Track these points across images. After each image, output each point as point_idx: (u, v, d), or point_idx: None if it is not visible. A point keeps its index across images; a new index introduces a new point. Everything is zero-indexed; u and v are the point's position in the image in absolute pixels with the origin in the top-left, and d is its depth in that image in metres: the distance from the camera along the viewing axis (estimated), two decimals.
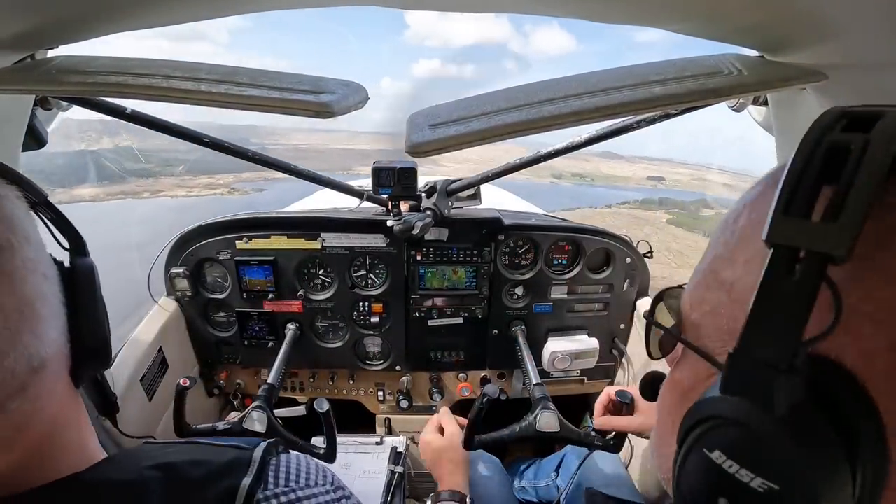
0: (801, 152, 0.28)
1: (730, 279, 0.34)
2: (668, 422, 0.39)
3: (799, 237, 0.26)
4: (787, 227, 0.26)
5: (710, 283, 0.36)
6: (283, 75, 0.61)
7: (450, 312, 1.48)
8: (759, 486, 0.25)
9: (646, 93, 0.55)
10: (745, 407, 0.26)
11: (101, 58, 0.65)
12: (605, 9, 0.63)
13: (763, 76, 0.56)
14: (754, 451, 0.26)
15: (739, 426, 0.26)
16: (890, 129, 0.26)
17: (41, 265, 0.42)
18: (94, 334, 0.47)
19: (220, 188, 34.43)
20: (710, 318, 0.35)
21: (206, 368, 1.56)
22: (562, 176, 57.47)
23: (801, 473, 0.24)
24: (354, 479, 1.29)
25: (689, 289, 0.40)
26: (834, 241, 0.24)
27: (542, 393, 1.14)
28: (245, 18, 1.46)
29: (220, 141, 1.10)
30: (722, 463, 0.27)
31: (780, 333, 0.25)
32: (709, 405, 0.28)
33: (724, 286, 0.34)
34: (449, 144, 0.53)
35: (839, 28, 0.51)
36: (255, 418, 1.07)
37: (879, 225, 0.26)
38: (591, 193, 46.86)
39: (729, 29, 0.62)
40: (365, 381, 1.62)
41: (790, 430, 0.24)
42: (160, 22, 0.68)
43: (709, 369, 0.35)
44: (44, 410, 0.41)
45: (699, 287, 0.37)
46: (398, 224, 1.24)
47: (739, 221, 0.35)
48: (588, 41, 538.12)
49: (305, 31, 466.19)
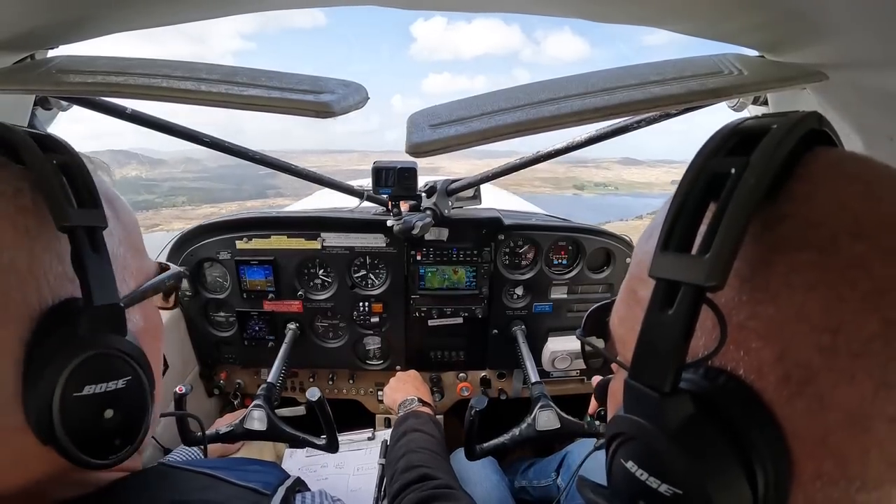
0: (682, 183, 0.30)
1: (644, 298, 0.33)
2: None
3: (674, 271, 0.28)
4: (664, 262, 0.29)
5: (629, 300, 0.38)
6: (282, 75, 0.61)
7: (450, 312, 1.48)
8: (665, 490, 0.28)
9: (646, 93, 0.54)
10: (642, 425, 0.29)
11: (101, 58, 0.65)
12: (605, 9, 0.63)
13: (763, 76, 0.56)
14: (657, 462, 0.28)
15: (641, 441, 0.29)
16: (769, 150, 0.28)
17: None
18: None
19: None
20: (632, 335, 0.35)
21: (206, 368, 1.56)
22: (584, 187, 56.65)
23: (697, 480, 0.27)
24: (349, 477, 1.29)
25: (616, 305, 0.41)
26: (706, 274, 0.26)
27: (540, 392, 1.14)
28: (248, 40, 1.44)
29: (220, 141, 1.10)
30: (635, 471, 0.30)
31: (662, 359, 0.28)
32: (619, 421, 0.31)
33: (641, 304, 0.34)
34: (449, 144, 0.53)
35: (839, 28, 0.51)
36: (255, 417, 1.07)
37: (759, 246, 0.28)
38: (618, 204, 46.02)
39: (729, 29, 0.62)
40: (365, 381, 1.62)
41: (680, 443, 0.27)
42: (160, 22, 0.68)
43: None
44: None
45: (622, 303, 0.39)
46: (398, 224, 1.24)
47: (650, 241, 0.35)
48: (602, 46, 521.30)
49: (309, 50, 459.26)
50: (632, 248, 1.47)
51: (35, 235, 0.37)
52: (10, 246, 0.36)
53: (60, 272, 0.38)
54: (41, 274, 0.37)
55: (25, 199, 0.37)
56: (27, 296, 0.36)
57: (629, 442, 0.30)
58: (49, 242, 0.38)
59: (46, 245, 0.38)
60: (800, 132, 0.29)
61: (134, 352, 0.41)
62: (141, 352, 0.42)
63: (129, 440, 0.42)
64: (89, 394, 0.38)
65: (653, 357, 0.28)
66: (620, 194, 54.97)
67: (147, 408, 0.44)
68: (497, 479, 1.33)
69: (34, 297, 0.37)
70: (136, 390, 0.42)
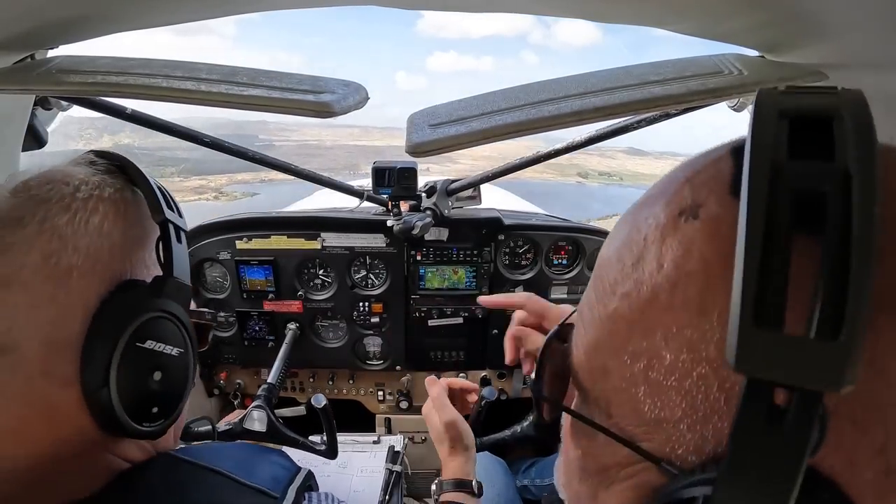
0: (756, 207, 0.20)
1: (644, 352, 0.26)
2: (584, 490, 0.34)
3: (786, 368, 0.19)
4: (767, 352, 0.19)
5: (613, 348, 0.28)
6: (282, 75, 0.61)
7: (450, 312, 1.48)
8: None
9: (645, 93, 0.55)
10: None
11: (101, 58, 0.65)
12: (605, 9, 0.63)
13: (763, 76, 0.56)
14: None
15: None
16: (868, 152, 0.19)
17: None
18: None
19: (208, 192, 33.28)
20: (622, 397, 0.28)
21: (206, 368, 1.56)
22: (588, 175, 54.94)
23: None
24: (352, 477, 1.29)
25: (584, 345, 0.31)
26: (836, 375, 0.18)
27: None
28: (253, 13, 1.46)
29: (220, 141, 1.10)
30: None
31: (777, 488, 0.20)
32: None
33: (637, 360, 0.26)
34: (449, 144, 0.53)
35: (839, 28, 0.51)
36: (255, 418, 1.07)
37: None
38: (623, 195, 44.01)
39: (729, 29, 0.62)
40: (365, 381, 1.62)
41: None
42: (160, 22, 0.68)
43: (631, 456, 0.28)
44: None
45: (599, 350, 0.29)
46: (398, 224, 1.24)
47: (642, 265, 0.27)
48: (613, 33, 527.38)
49: (315, 23, 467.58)
50: None
51: (131, 222, 0.46)
52: (111, 221, 0.44)
53: (141, 256, 0.47)
54: (127, 250, 0.45)
55: (128, 196, 0.47)
56: (113, 261, 0.43)
57: None
58: (139, 231, 0.47)
59: (137, 232, 0.47)
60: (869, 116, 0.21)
61: (191, 329, 0.48)
62: (194, 332, 0.49)
63: (166, 412, 0.46)
64: (149, 349, 0.43)
65: (757, 478, 0.20)
66: (625, 185, 52.74)
67: (188, 383, 0.49)
68: (508, 480, 1.33)
69: (118, 265, 0.44)
70: (184, 363, 0.48)
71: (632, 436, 0.27)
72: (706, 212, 0.25)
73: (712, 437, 0.24)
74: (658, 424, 0.26)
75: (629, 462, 0.28)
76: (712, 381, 0.23)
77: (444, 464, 0.95)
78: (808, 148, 0.21)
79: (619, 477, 0.29)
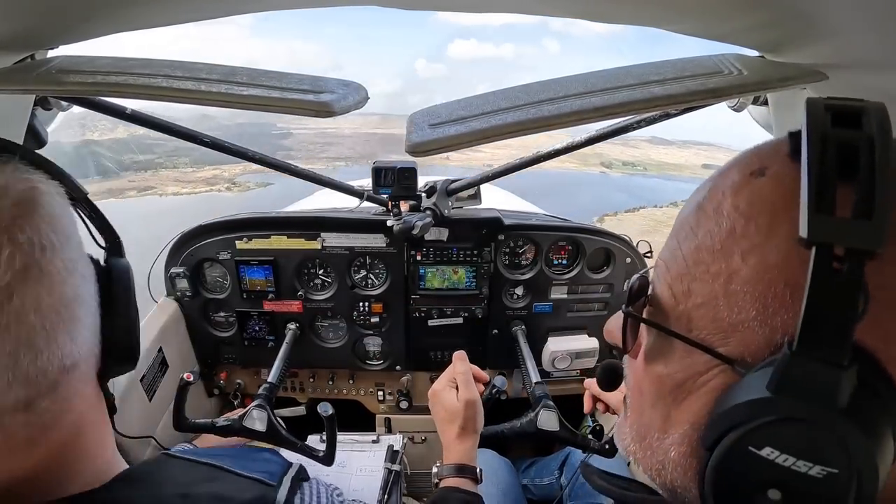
0: (814, 150, 0.29)
1: (724, 271, 0.33)
2: (656, 416, 0.39)
3: (839, 235, 0.26)
4: (826, 226, 0.27)
5: (696, 274, 0.35)
6: (282, 75, 0.61)
7: (450, 312, 1.48)
8: (817, 473, 0.27)
9: (645, 93, 0.55)
10: (807, 405, 0.27)
11: (101, 58, 0.65)
12: (605, 9, 0.64)
13: (763, 76, 0.56)
14: (815, 443, 0.27)
15: (800, 422, 0.28)
16: (884, 125, 0.29)
17: (80, 265, 0.42)
18: (127, 336, 0.47)
19: (221, 182, 32.68)
20: (703, 311, 0.35)
21: (206, 368, 1.56)
22: (612, 165, 53.17)
23: (866, 457, 0.27)
24: (351, 476, 1.29)
25: (668, 279, 0.38)
26: (872, 238, 0.26)
27: (542, 392, 1.14)
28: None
29: (220, 141, 1.10)
30: (775, 458, 0.28)
31: (836, 332, 0.27)
32: (759, 407, 0.29)
33: (718, 278, 0.33)
34: (449, 144, 0.53)
35: (839, 28, 0.51)
36: (255, 417, 1.07)
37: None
38: (648, 186, 42.23)
39: (729, 29, 0.62)
40: (365, 381, 1.62)
41: (853, 421, 0.27)
42: (160, 22, 0.68)
43: (708, 362, 0.34)
44: (71, 412, 0.41)
45: (683, 278, 0.36)
46: (398, 224, 1.24)
47: (722, 210, 0.35)
48: None
49: (332, 13, 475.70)
50: (631, 248, 1.47)
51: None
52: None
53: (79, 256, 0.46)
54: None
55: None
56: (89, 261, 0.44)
57: (771, 426, 0.29)
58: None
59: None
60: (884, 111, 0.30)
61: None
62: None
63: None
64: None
65: (825, 329, 0.27)
66: (649, 175, 51.65)
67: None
68: (512, 480, 1.33)
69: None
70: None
71: (710, 343, 0.34)
72: (771, 171, 0.34)
73: (780, 326, 0.31)
74: (734, 328, 0.33)
75: (706, 369, 0.34)
76: (779, 280, 0.31)
77: (448, 447, 0.93)
78: (846, 125, 0.30)
79: (694, 387, 0.35)
